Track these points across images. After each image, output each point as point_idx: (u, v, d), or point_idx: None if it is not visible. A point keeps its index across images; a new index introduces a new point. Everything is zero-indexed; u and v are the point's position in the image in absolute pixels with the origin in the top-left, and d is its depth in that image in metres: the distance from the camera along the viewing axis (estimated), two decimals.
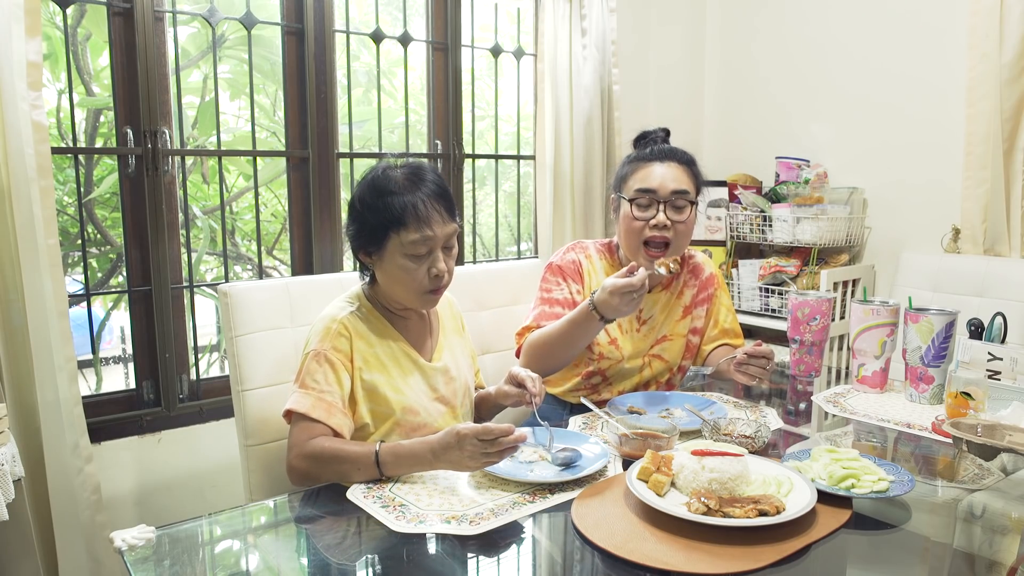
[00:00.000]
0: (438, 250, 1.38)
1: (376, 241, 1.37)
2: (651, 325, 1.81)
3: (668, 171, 1.70)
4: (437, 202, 1.37)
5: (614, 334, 1.77)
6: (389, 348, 1.43)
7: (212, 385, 2.20)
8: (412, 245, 1.35)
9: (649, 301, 1.81)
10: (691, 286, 1.87)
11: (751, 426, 1.38)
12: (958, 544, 1.10)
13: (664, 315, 1.83)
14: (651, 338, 1.81)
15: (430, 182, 1.39)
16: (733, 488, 1.12)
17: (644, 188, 1.69)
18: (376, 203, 1.36)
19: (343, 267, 2.41)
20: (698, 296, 1.87)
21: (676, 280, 1.86)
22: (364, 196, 1.39)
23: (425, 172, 1.41)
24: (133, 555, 1.02)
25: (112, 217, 2.60)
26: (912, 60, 2.60)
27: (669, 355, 1.83)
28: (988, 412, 1.43)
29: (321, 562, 1.04)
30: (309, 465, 1.28)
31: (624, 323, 1.79)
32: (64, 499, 1.79)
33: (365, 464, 1.24)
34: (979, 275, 2.30)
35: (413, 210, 1.34)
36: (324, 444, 1.28)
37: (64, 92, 2.13)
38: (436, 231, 1.36)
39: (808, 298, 1.84)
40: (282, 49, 2.26)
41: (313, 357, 1.36)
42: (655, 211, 1.68)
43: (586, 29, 2.69)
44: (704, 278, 1.88)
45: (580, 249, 1.83)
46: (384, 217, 1.35)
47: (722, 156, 3.21)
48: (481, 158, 2.75)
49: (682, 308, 1.85)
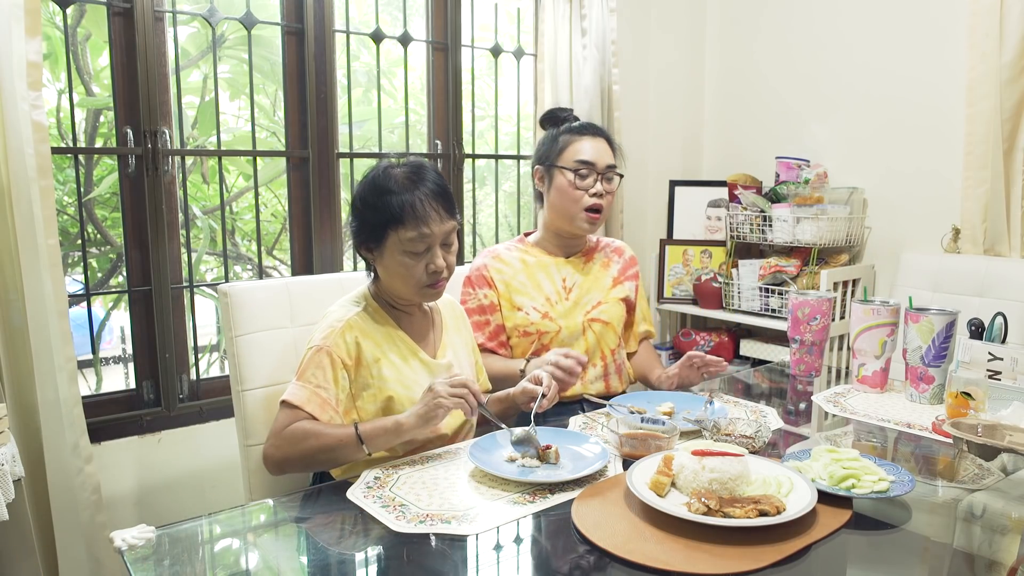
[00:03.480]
0: (436, 247, 1.41)
1: (376, 238, 1.41)
2: (578, 292, 1.88)
3: (601, 145, 1.83)
4: (436, 200, 1.39)
5: (543, 308, 1.84)
6: (395, 346, 1.45)
7: (212, 385, 2.20)
8: (410, 242, 1.38)
9: (568, 268, 1.90)
10: (616, 262, 1.97)
11: (751, 426, 1.38)
12: (958, 544, 1.10)
13: (590, 280, 1.91)
14: (583, 304, 1.88)
15: (429, 181, 1.41)
16: (733, 488, 1.12)
17: (584, 160, 1.81)
18: (376, 201, 1.39)
19: (343, 267, 2.41)
20: (626, 271, 1.97)
21: (595, 253, 1.96)
22: (365, 194, 1.42)
23: (425, 171, 1.43)
24: (133, 555, 1.02)
25: (112, 217, 2.60)
26: (912, 60, 2.60)
27: (607, 316, 1.89)
28: (988, 412, 1.43)
29: (321, 562, 1.04)
30: (284, 448, 1.32)
31: (551, 295, 1.86)
32: (64, 499, 1.79)
33: (347, 441, 1.29)
34: (979, 275, 2.30)
35: (411, 209, 1.37)
36: (303, 426, 1.32)
37: (64, 92, 2.13)
38: (434, 229, 1.39)
39: (808, 298, 1.84)
40: (282, 49, 2.26)
41: (315, 352, 1.38)
42: (593, 181, 1.81)
43: (586, 29, 2.69)
44: (627, 257, 2.00)
45: (487, 253, 1.92)
46: (383, 215, 1.38)
47: (722, 156, 3.21)
48: (481, 158, 2.75)
49: (611, 278, 1.94)
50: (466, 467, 1.29)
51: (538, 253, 1.91)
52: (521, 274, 1.87)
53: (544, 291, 1.86)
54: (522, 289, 1.85)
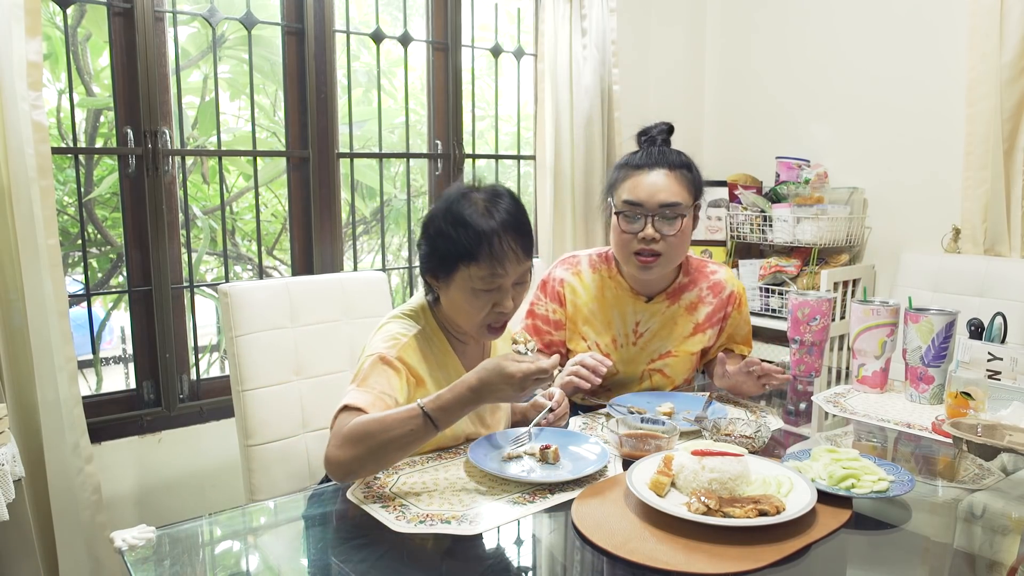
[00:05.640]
0: (508, 287, 1.32)
1: (446, 269, 1.32)
2: (648, 338, 1.75)
3: (658, 180, 1.61)
4: (514, 238, 1.30)
5: (607, 348, 1.73)
6: (446, 374, 1.38)
7: (212, 385, 2.20)
8: (481, 280, 1.29)
9: (647, 312, 1.74)
10: (707, 303, 1.76)
11: (751, 426, 1.38)
12: (958, 544, 1.10)
13: (667, 328, 1.75)
14: (649, 352, 1.75)
15: (510, 214, 1.31)
16: (733, 488, 1.12)
17: (631, 200, 1.62)
18: (450, 231, 1.29)
19: (343, 267, 2.41)
20: (714, 315, 1.77)
21: (687, 291, 1.76)
22: (439, 221, 1.32)
23: (504, 200, 1.33)
24: (133, 555, 1.02)
25: (112, 217, 2.60)
26: (912, 60, 2.60)
27: (671, 371, 1.77)
28: (988, 412, 1.43)
29: (321, 562, 1.04)
30: (351, 449, 1.16)
31: (619, 336, 1.74)
32: (64, 499, 1.79)
33: (415, 423, 1.16)
34: (979, 275, 2.30)
35: (488, 246, 1.27)
36: (363, 421, 1.17)
37: (64, 92, 2.13)
38: (508, 270, 1.30)
39: (808, 298, 1.84)
40: (282, 49, 2.26)
41: (378, 360, 1.30)
42: (643, 224, 1.61)
43: (586, 29, 2.69)
44: (725, 296, 1.78)
45: (569, 265, 1.78)
46: (457, 248, 1.28)
47: (722, 156, 3.21)
48: (481, 158, 2.75)
49: (693, 325, 1.75)
50: (466, 467, 1.29)
51: (617, 288, 1.74)
52: (594, 303, 1.74)
53: (613, 331, 1.73)
54: (591, 319, 1.74)
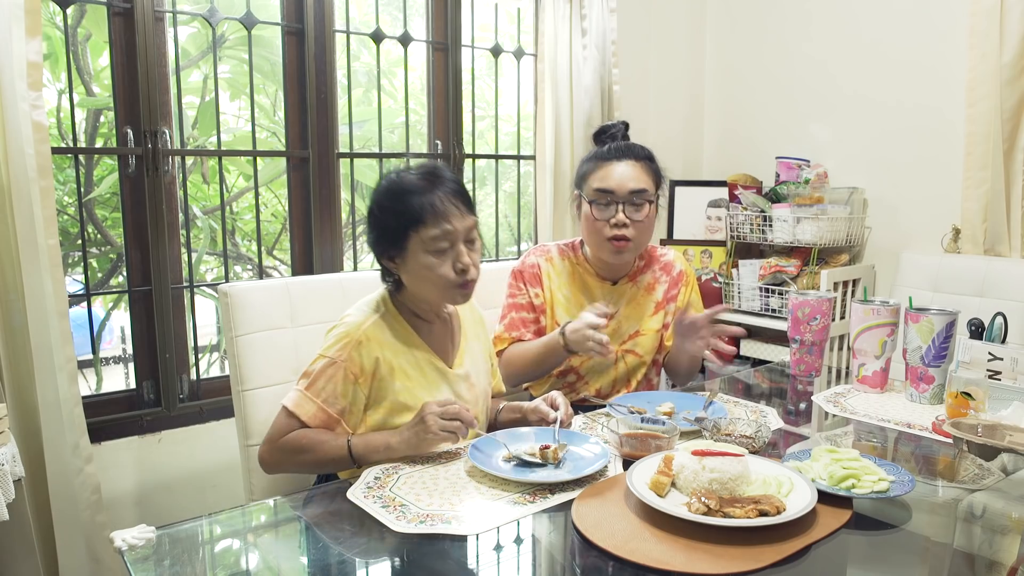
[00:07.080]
0: (460, 244, 1.38)
1: (397, 243, 1.38)
2: (618, 319, 1.84)
3: (626, 170, 1.73)
4: (454, 197, 1.38)
5: None
6: (413, 356, 1.43)
7: (212, 385, 2.20)
8: (433, 241, 1.35)
9: (614, 294, 1.84)
10: (662, 282, 1.89)
11: (751, 426, 1.38)
12: (958, 544, 1.10)
13: (633, 309, 1.85)
14: (621, 333, 1.84)
15: (447, 180, 1.40)
16: (733, 488, 1.12)
17: (603, 188, 1.73)
18: (393, 205, 1.37)
19: (343, 267, 2.41)
20: (670, 292, 1.89)
21: (643, 274, 1.88)
22: (381, 200, 1.40)
23: (440, 171, 1.42)
24: (133, 555, 1.02)
25: (112, 217, 2.60)
26: (912, 60, 2.60)
27: (642, 350, 1.85)
28: (988, 412, 1.43)
29: (321, 562, 1.04)
30: (278, 457, 1.36)
31: None
32: (64, 499, 1.79)
33: (339, 453, 1.32)
34: (979, 275, 2.30)
35: (431, 207, 1.35)
36: (298, 438, 1.34)
37: (64, 92, 2.13)
38: (455, 224, 1.37)
39: (808, 298, 1.84)
40: (282, 49, 2.26)
41: (328, 365, 1.36)
42: (614, 210, 1.72)
43: (586, 29, 2.69)
44: (675, 274, 1.91)
45: (541, 252, 1.87)
46: (403, 218, 1.36)
47: (722, 156, 3.21)
48: (481, 158, 2.75)
49: (654, 304, 1.87)
50: (466, 467, 1.29)
51: (586, 274, 1.85)
52: (567, 288, 1.84)
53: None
54: (565, 304, 1.82)
